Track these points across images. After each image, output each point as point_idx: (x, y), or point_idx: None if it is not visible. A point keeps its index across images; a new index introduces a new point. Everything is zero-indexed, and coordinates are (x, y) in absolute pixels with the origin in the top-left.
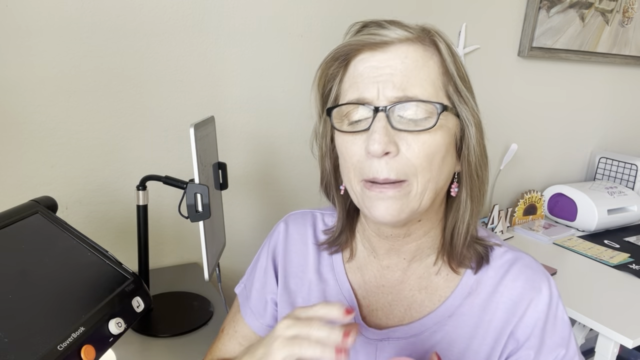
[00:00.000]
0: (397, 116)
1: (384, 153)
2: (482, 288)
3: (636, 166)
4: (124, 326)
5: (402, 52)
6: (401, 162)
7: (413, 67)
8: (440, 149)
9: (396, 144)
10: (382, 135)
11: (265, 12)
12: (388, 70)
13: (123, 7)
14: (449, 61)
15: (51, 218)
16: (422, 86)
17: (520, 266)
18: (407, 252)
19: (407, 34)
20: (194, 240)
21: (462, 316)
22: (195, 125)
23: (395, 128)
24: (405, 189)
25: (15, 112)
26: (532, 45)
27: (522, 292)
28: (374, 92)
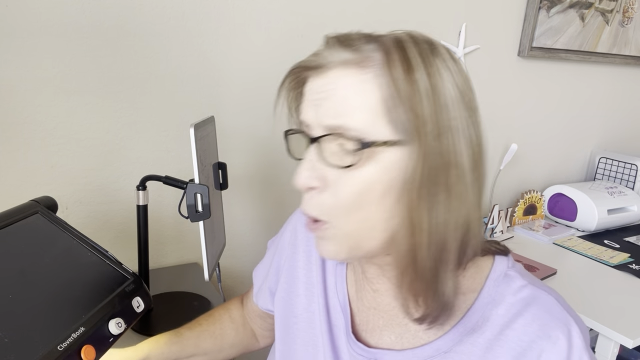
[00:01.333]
0: (332, 146)
1: (308, 188)
2: (487, 327)
3: (636, 166)
4: (124, 326)
5: (336, 76)
6: (325, 200)
7: (346, 93)
8: (375, 187)
9: (325, 179)
10: (305, 169)
11: (265, 12)
12: (323, 95)
13: (123, 7)
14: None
15: (51, 218)
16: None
17: (538, 308)
18: (394, 277)
19: (345, 56)
20: (194, 240)
21: (461, 355)
22: (195, 125)
23: (325, 161)
24: (326, 231)
25: (15, 112)
26: (532, 45)
27: (533, 340)
28: (312, 115)
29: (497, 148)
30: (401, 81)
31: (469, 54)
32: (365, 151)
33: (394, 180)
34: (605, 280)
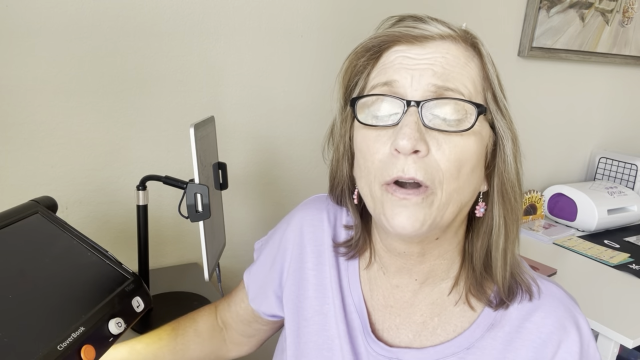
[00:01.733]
0: (430, 114)
1: (413, 151)
2: (506, 321)
3: (636, 166)
4: (124, 326)
5: (444, 47)
6: (429, 164)
7: (455, 63)
8: (472, 157)
9: (427, 143)
10: (414, 131)
11: (265, 12)
12: (427, 62)
13: (123, 7)
14: (490, 67)
15: (51, 218)
16: (463, 83)
17: (552, 301)
18: (419, 273)
19: (449, 31)
20: (194, 240)
21: (483, 350)
22: (195, 125)
23: (427, 126)
24: (429, 198)
25: (15, 112)
26: (532, 45)
27: (552, 332)
28: (407, 80)
29: None
30: (492, 69)
31: None
32: (476, 117)
33: (480, 153)
34: (605, 280)
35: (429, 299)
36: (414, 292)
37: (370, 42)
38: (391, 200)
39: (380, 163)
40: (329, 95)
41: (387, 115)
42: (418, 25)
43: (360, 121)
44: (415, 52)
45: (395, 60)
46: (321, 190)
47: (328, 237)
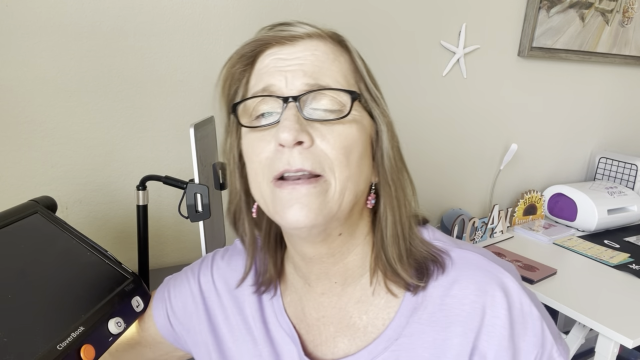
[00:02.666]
0: (308, 108)
1: (296, 142)
2: (428, 300)
3: (636, 166)
4: (124, 326)
5: (312, 45)
6: (316, 153)
7: (324, 59)
8: (357, 144)
9: (310, 134)
10: (293, 123)
11: (265, 12)
12: (297, 61)
13: (123, 7)
14: (358, 61)
15: (51, 218)
16: (334, 78)
17: (469, 270)
18: (336, 275)
19: (316, 30)
20: (194, 240)
21: (411, 337)
22: (195, 125)
23: (308, 118)
24: (321, 186)
25: (15, 112)
26: (532, 45)
27: (474, 301)
28: (282, 82)
29: (497, 148)
30: (361, 62)
31: (469, 54)
32: (351, 104)
33: (365, 141)
34: (605, 280)
35: (354, 298)
36: (339, 296)
37: (243, 49)
38: (281, 196)
39: (267, 160)
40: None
41: (268, 114)
42: (287, 28)
43: (243, 124)
44: (286, 52)
45: (270, 64)
46: None
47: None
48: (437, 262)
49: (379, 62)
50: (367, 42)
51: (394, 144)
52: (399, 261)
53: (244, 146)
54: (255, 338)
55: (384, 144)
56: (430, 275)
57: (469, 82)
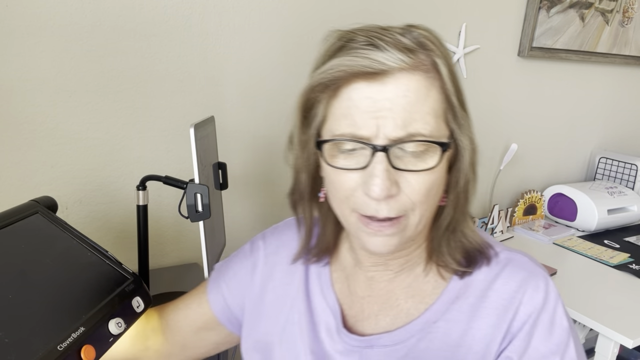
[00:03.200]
0: (397, 150)
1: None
2: (470, 292)
3: (636, 166)
4: (124, 326)
5: (404, 83)
6: (400, 201)
7: (415, 100)
8: (438, 181)
9: (397, 184)
10: (384, 180)
11: (265, 12)
12: (388, 105)
13: (123, 7)
14: (449, 86)
15: (51, 218)
16: (424, 120)
17: (514, 268)
18: (394, 265)
19: (407, 60)
20: (194, 240)
21: (448, 322)
22: (195, 125)
23: (396, 168)
24: (402, 224)
25: (15, 112)
26: (532, 45)
27: (513, 296)
28: (373, 129)
29: (497, 148)
30: (451, 86)
31: (469, 54)
32: (440, 157)
33: (445, 169)
34: (605, 280)
35: (404, 283)
36: (389, 281)
37: (325, 79)
38: (366, 231)
39: (354, 198)
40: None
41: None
42: (373, 56)
43: (330, 164)
44: (375, 90)
45: (358, 103)
46: None
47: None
48: (483, 254)
49: None
50: None
51: (472, 164)
52: (448, 248)
53: (327, 170)
54: (295, 307)
55: (462, 166)
56: (476, 263)
57: (469, 82)
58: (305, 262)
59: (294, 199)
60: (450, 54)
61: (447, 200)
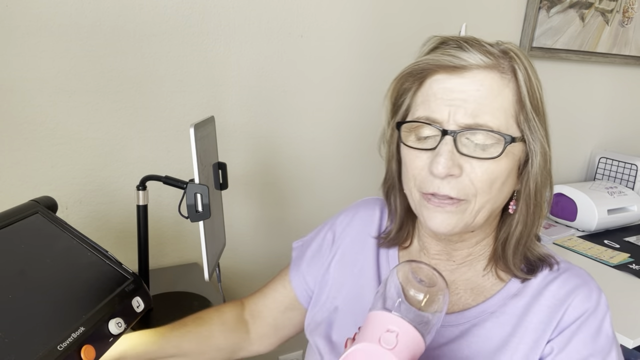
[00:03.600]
0: (464, 139)
1: (447, 175)
2: (527, 291)
3: (636, 166)
4: (124, 326)
5: (479, 79)
6: (463, 183)
7: (487, 94)
8: (502, 175)
9: (460, 166)
10: (447, 160)
11: (265, 12)
12: (462, 96)
13: (123, 7)
14: (524, 90)
15: (51, 218)
16: (493, 114)
17: (571, 275)
18: (457, 257)
19: (486, 60)
20: (194, 240)
21: (504, 315)
22: (195, 125)
23: (461, 152)
24: (462, 206)
25: (15, 112)
26: (532, 45)
27: (567, 296)
28: (445, 114)
29: None
30: (526, 90)
31: None
32: (504, 148)
33: (513, 169)
34: (605, 280)
35: (465, 276)
36: (450, 271)
37: (413, 69)
38: (427, 207)
39: (420, 177)
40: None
41: (428, 138)
42: (457, 54)
43: (404, 142)
44: (454, 82)
45: (437, 93)
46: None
47: (375, 229)
48: (545, 262)
49: (379, 61)
50: (367, 42)
51: (544, 170)
52: (513, 259)
53: (403, 152)
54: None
55: (532, 169)
56: (538, 271)
57: None
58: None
59: (387, 187)
60: (533, 67)
61: (517, 209)
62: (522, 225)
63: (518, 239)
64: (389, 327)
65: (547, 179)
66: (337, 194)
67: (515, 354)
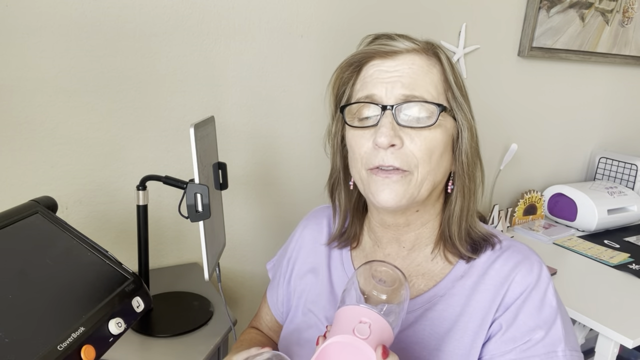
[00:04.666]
0: (402, 114)
1: (390, 145)
2: (473, 271)
3: (636, 166)
4: (124, 326)
5: (409, 59)
6: (405, 153)
7: (419, 72)
8: (439, 145)
9: (401, 138)
10: (389, 129)
11: (265, 12)
12: (397, 74)
13: (123, 7)
14: (448, 71)
15: (51, 218)
16: (426, 89)
17: (512, 252)
18: (407, 242)
19: (413, 45)
20: (194, 240)
21: (453, 297)
22: (195, 125)
23: (400, 124)
24: (406, 177)
25: (15, 112)
26: (532, 45)
27: (509, 272)
28: (382, 91)
29: (497, 148)
30: (450, 72)
31: (469, 54)
32: (437, 115)
33: (447, 143)
34: (605, 280)
35: (415, 262)
36: (403, 258)
37: (352, 59)
38: (375, 180)
39: (366, 154)
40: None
41: (369, 118)
42: (389, 43)
43: (349, 123)
44: (387, 65)
45: (374, 75)
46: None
47: (325, 236)
48: (488, 242)
49: None
50: None
51: (472, 143)
52: (458, 237)
53: (348, 138)
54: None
55: (462, 143)
56: (482, 250)
57: (469, 82)
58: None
59: (332, 183)
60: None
61: (455, 187)
62: (461, 201)
63: (459, 215)
64: (361, 319)
65: (476, 154)
66: None
67: (466, 332)
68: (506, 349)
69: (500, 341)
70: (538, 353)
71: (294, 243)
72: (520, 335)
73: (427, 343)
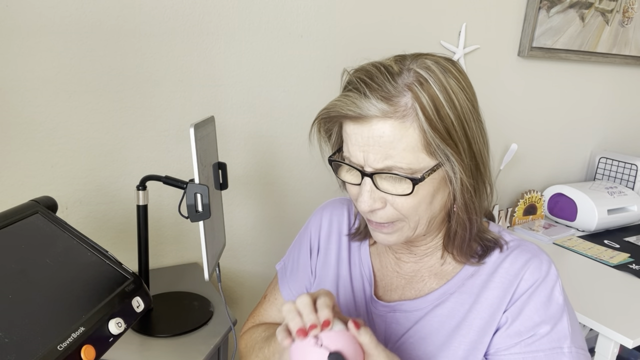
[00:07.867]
0: (381, 181)
1: (371, 210)
2: (483, 270)
3: (636, 166)
4: (124, 326)
5: (379, 127)
6: (389, 212)
7: (391, 139)
8: (425, 199)
9: (383, 199)
10: (368, 198)
11: (265, 12)
12: (370, 141)
13: (123, 7)
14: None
15: (51, 218)
16: (401, 155)
17: (521, 251)
18: (417, 252)
19: (384, 108)
20: (194, 240)
21: (463, 294)
22: (195, 125)
23: (380, 189)
24: (397, 226)
25: (15, 112)
26: (532, 45)
27: (519, 270)
28: (361, 159)
29: (497, 148)
30: (433, 121)
31: (469, 54)
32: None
33: (437, 187)
34: (605, 280)
35: (428, 265)
36: (415, 262)
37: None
38: (370, 227)
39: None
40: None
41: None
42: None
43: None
44: (361, 129)
45: (352, 136)
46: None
47: (346, 227)
48: (497, 245)
49: None
50: (367, 42)
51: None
52: (461, 247)
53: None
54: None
55: (455, 185)
56: (489, 254)
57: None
58: (352, 238)
59: None
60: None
61: (457, 207)
62: (462, 230)
63: (462, 237)
64: None
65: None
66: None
67: (471, 329)
68: (511, 342)
69: (506, 335)
70: (543, 348)
71: (314, 232)
72: (526, 329)
73: (435, 338)
